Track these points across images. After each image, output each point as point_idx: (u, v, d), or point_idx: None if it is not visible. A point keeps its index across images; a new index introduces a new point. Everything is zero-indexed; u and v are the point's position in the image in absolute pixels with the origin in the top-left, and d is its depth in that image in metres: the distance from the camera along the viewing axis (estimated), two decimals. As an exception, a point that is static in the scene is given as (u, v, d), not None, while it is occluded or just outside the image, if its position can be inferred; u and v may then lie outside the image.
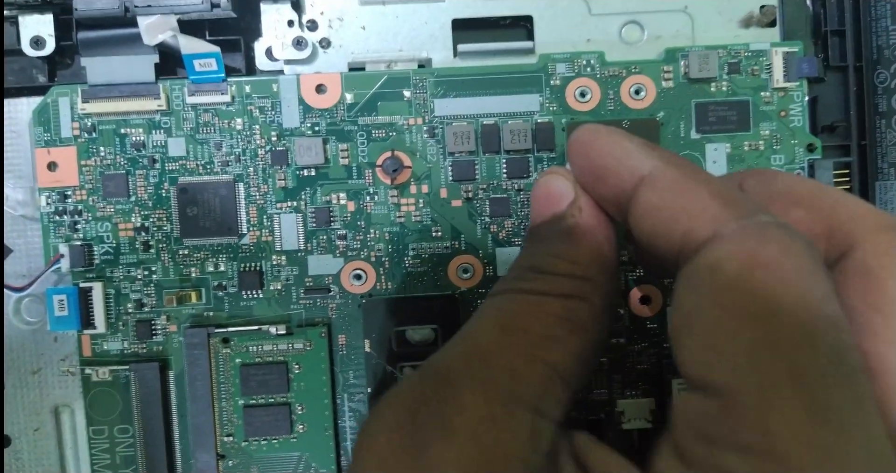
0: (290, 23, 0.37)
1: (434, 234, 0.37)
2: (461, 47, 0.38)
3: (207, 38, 0.36)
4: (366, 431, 0.19)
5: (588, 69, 0.37)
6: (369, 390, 0.37)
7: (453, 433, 0.17)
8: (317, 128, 0.37)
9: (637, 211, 0.20)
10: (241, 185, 0.37)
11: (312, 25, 0.37)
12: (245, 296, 0.37)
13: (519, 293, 0.21)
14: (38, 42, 0.36)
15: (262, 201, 0.37)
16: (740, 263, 0.17)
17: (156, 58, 0.36)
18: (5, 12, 0.36)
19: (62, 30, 0.36)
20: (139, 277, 0.37)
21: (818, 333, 0.16)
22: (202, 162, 0.37)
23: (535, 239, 0.23)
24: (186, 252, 0.37)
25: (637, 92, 0.37)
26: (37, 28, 0.36)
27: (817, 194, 0.21)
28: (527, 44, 0.38)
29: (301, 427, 0.37)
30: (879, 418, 0.16)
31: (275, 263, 0.37)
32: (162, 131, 0.36)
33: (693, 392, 0.17)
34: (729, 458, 0.15)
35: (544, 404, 0.19)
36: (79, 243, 0.36)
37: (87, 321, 0.36)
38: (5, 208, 0.37)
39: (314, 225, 0.37)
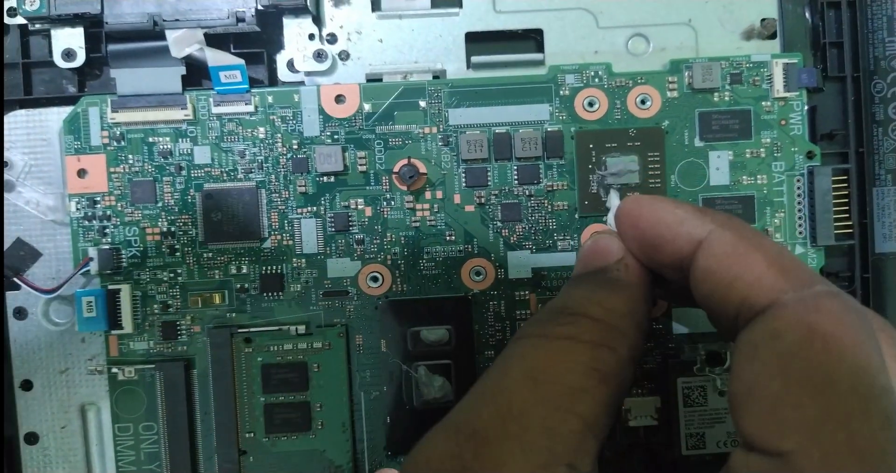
0: (311, 36, 0.39)
1: (448, 238, 0.39)
2: (474, 59, 0.39)
3: (232, 50, 0.38)
4: None
5: (596, 80, 0.38)
6: (385, 388, 0.38)
7: None
8: (336, 136, 0.38)
9: (696, 275, 0.21)
10: (263, 191, 0.38)
11: (332, 39, 0.39)
12: (266, 298, 0.38)
13: (546, 340, 0.21)
14: (69, 54, 0.38)
15: (284, 207, 0.38)
16: (801, 334, 0.17)
17: (183, 70, 0.37)
18: (38, 26, 0.38)
19: (92, 42, 0.38)
20: (165, 279, 0.38)
21: (873, 402, 0.17)
22: (226, 169, 0.38)
23: (574, 284, 0.24)
24: (210, 256, 0.38)
25: (643, 102, 0.38)
26: (68, 41, 0.38)
27: None
28: (537, 56, 0.39)
29: (319, 424, 0.38)
30: None
31: (295, 266, 0.38)
32: (188, 140, 0.38)
33: (753, 453, 0.18)
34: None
35: (578, 459, 0.19)
36: (107, 246, 0.38)
37: (114, 322, 0.38)
38: (36, 213, 0.39)
39: (333, 230, 0.38)
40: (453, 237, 0.39)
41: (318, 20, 0.39)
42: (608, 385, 0.20)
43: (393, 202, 0.38)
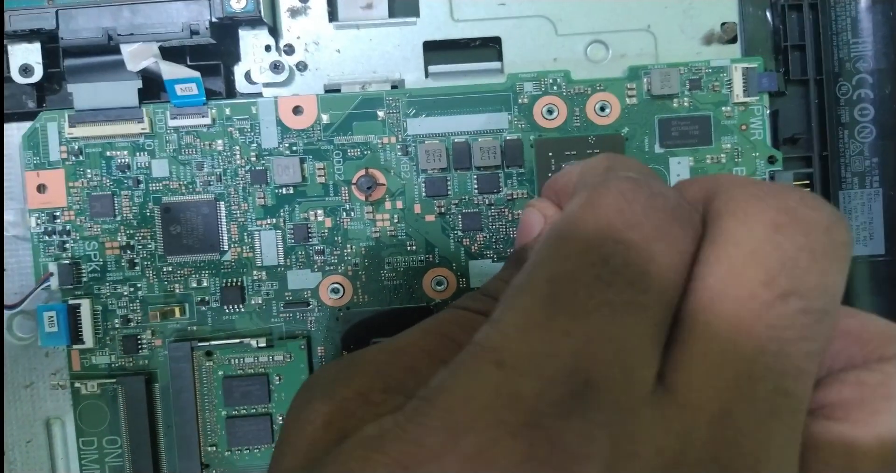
0: (268, 48, 0.39)
1: (409, 248, 0.39)
2: (432, 68, 0.39)
3: (188, 63, 0.38)
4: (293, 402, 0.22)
5: (554, 88, 0.38)
6: (348, 400, 0.38)
7: (329, 398, 0.19)
8: (294, 148, 0.38)
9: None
10: (222, 203, 0.38)
11: (289, 49, 0.39)
12: (227, 311, 0.38)
13: (457, 309, 0.22)
14: (26, 70, 0.38)
15: (243, 219, 0.38)
16: (578, 203, 0.18)
17: (139, 83, 0.37)
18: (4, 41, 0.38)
19: (50, 58, 0.38)
20: (125, 293, 0.38)
21: (592, 253, 0.16)
22: (184, 182, 0.38)
23: (504, 266, 0.25)
24: (170, 269, 0.38)
25: (602, 109, 0.38)
26: (25, 56, 0.38)
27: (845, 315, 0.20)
28: (495, 64, 0.39)
29: (282, 436, 0.38)
30: None
31: (255, 278, 0.38)
32: (146, 153, 0.38)
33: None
34: (482, 328, 0.18)
35: (399, 387, 0.20)
36: (67, 261, 0.38)
37: (76, 336, 0.38)
38: (-3, 228, 0.39)
39: (293, 241, 0.38)
40: (414, 247, 0.39)
41: (274, 31, 0.39)
42: None
43: (353, 213, 0.38)
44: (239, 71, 0.39)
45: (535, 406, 0.15)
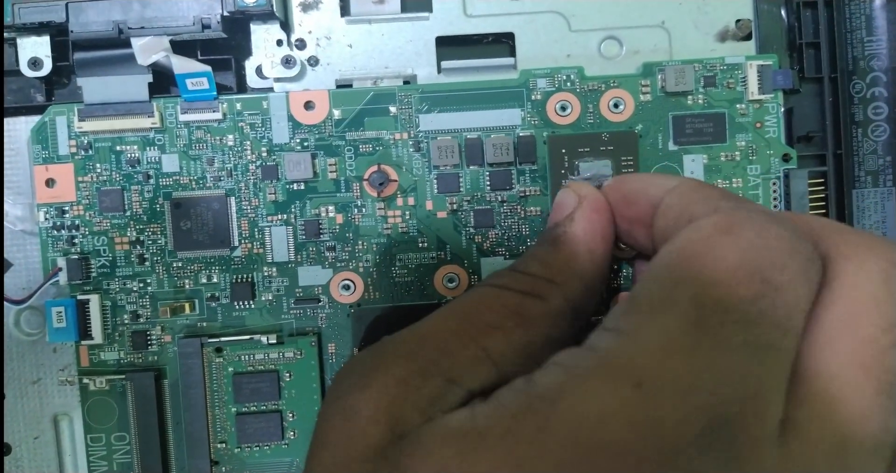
0: (280, 42, 0.38)
1: (420, 245, 0.38)
2: (445, 64, 0.39)
3: (199, 57, 0.38)
4: (330, 390, 0.22)
5: (568, 84, 0.38)
6: (358, 397, 0.38)
7: (367, 387, 0.19)
8: (306, 143, 0.38)
9: (658, 212, 0.22)
10: (232, 199, 0.38)
11: (301, 44, 0.39)
12: (237, 307, 0.38)
13: (485, 286, 0.23)
14: (35, 63, 0.38)
15: (253, 215, 0.38)
16: (715, 226, 0.18)
17: (149, 77, 0.37)
18: (4, 35, 0.38)
19: (59, 51, 0.38)
20: (135, 289, 0.38)
21: (742, 289, 0.17)
22: (195, 177, 0.38)
23: (534, 244, 0.26)
24: (180, 265, 0.38)
25: (616, 105, 0.38)
26: (34, 49, 0.38)
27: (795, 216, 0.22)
28: (508, 60, 0.39)
29: (292, 433, 0.38)
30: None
31: (266, 274, 0.38)
32: (156, 148, 0.38)
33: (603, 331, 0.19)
34: (601, 337, 0.18)
35: (463, 376, 0.20)
36: (76, 256, 0.37)
37: (84, 332, 0.37)
38: (5, 223, 0.39)
39: (304, 237, 0.38)
40: (425, 244, 0.38)
41: (286, 26, 0.38)
42: (528, 330, 0.22)
43: (364, 209, 0.38)
44: (250, 65, 0.39)
45: (675, 440, 0.15)
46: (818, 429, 0.16)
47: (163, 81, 0.38)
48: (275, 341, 0.37)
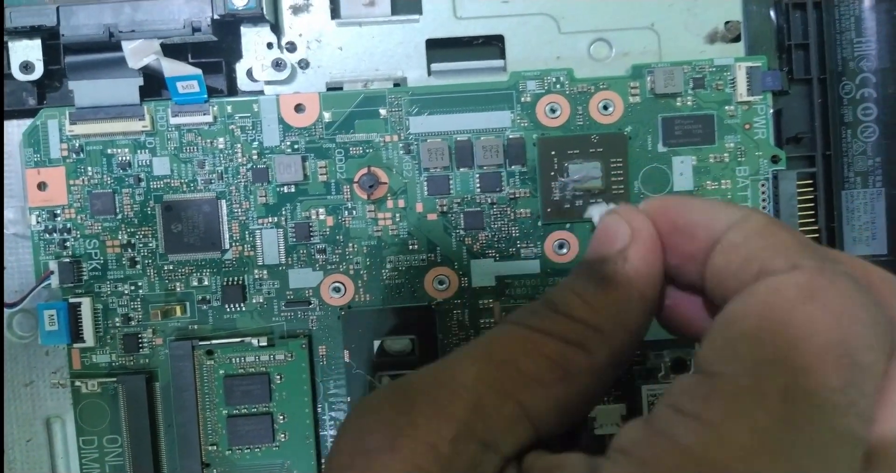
0: (270, 45, 0.38)
1: (410, 247, 0.38)
2: (435, 66, 0.39)
3: (190, 60, 0.38)
4: (340, 431, 0.20)
5: (557, 86, 0.38)
6: (349, 399, 0.38)
7: (397, 451, 0.18)
8: (296, 146, 0.38)
9: (717, 249, 0.20)
10: (223, 202, 0.38)
11: (291, 47, 0.39)
12: (228, 309, 0.38)
13: (520, 327, 0.20)
14: (27, 66, 0.38)
15: (244, 217, 0.38)
16: (800, 290, 0.17)
17: (140, 80, 0.37)
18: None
19: (50, 54, 0.38)
20: (126, 292, 0.38)
21: (833, 376, 0.16)
22: (186, 180, 0.38)
23: (574, 272, 0.22)
24: (171, 268, 0.38)
25: (605, 107, 0.38)
26: (26, 53, 0.38)
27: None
28: (498, 62, 0.39)
29: (283, 435, 0.38)
30: None
31: (257, 277, 0.38)
32: (147, 151, 0.38)
33: (690, 374, 0.17)
34: (678, 423, 0.16)
35: (499, 441, 0.18)
36: (68, 259, 0.38)
37: (76, 335, 0.37)
38: (-3, 226, 0.39)
39: (294, 240, 0.38)
40: (416, 246, 0.38)
41: (276, 29, 0.39)
42: (570, 385, 0.20)
43: (354, 212, 0.38)
44: (241, 68, 0.39)
45: None
46: None
47: (153, 85, 0.38)
48: (266, 343, 0.38)
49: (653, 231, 0.22)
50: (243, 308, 0.38)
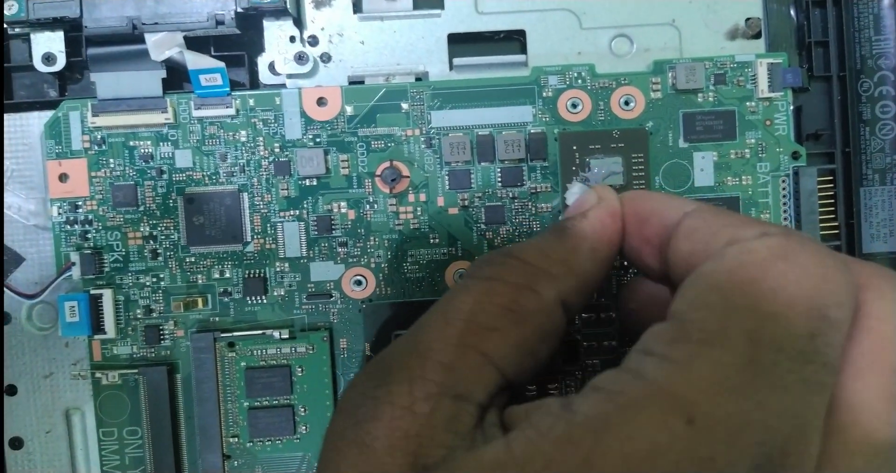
0: (292, 38, 0.38)
1: (431, 241, 0.38)
2: (457, 61, 0.39)
3: (212, 53, 0.38)
4: (335, 411, 0.21)
5: (579, 81, 0.38)
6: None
7: (379, 418, 0.19)
8: (318, 139, 0.38)
9: (679, 234, 0.21)
10: (245, 194, 0.38)
11: (313, 41, 0.39)
12: (249, 302, 0.38)
13: (474, 279, 0.22)
14: (49, 58, 0.38)
15: (266, 210, 0.38)
16: (771, 251, 0.18)
17: (163, 73, 0.37)
18: (18, 30, 0.38)
19: (72, 46, 0.38)
20: (147, 284, 0.38)
21: (800, 324, 0.16)
22: (208, 173, 0.38)
23: (545, 234, 0.25)
24: (193, 260, 0.38)
25: (626, 103, 0.38)
26: (48, 45, 0.38)
27: None
28: (520, 57, 0.39)
29: (304, 428, 0.38)
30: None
31: (278, 269, 0.38)
32: (169, 144, 0.38)
33: (664, 322, 0.18)
34: (647, 362, 0.17)
35: (471, 391, 0.20)
36: (89, 251, 0.38)
37: (97, 326, 0.37)
38: (18, 218, 0.39)
39: (316, 233, 0.38)
40: (437, 240, 0.38)
41: (298, 22, 0.39)
42: (523, 326, 0.21)
43: (376, 205, 0.38)
44: (263, 62, 0.39)
45: None
46: (850, 460, 0.17)
47: (176, 77, 0.38)
48: (287, 336, 0.38)
49: (617, 206, 0.25)
50: (265, 301, 0.38)
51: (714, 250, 0.19)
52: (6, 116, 0.38)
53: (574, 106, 0.38)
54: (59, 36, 0.38)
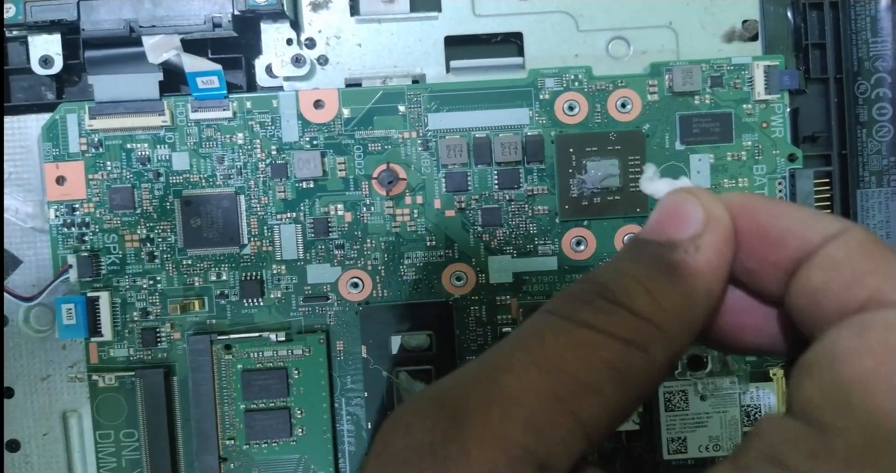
0: (289, 41, 0.38)
1: (428, 243, 0.38)
2: (454, 63, 0.39)
3: (210, 56, 0.38)
4: (375, 454, 0.17)
5: (576, 83, 0.38)
6: (366, 394, 0.38)
7: None
8: (315, 142, 0.38)
9: (815, 264, 0.18)
10: (242, 197, 0.38)
11: (311, 43, 0.39)
12: (246, 304, 0.38)
13: (571, 324, 0.18)
14: (46, 61, 0.38)
15: (263, 213, 0.38)
16: None
17: (160, 75, 0.37)
18: (15, 33, 0.38)
19: (70, 49, 0.38)
20: (144, 286, 0.38)
21: None
22: (205, 175, 0.38)
23: (632, 253, 0.20)
24: (190, 262, 0.38)
25: (623, 105, 0.38)
26: (45, 47, 0.38)
27: None
28: (516, 59, 0.39)
29: (300, 430, 0.38)
30: None
31: (275, 272, 0.38)
32: (166, 146, 0.38)
33: (791, 419, 0.16)
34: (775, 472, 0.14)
35: (556, 459, 0.17)
36: (86, 253, 0.38)
37: (94, 329, 0.37)
38: (15, 220, 0.39)
39: (313, 235, 0.38)
40: (433, 242, 0.38)
41: (296, 25, 0.39)
42: (626, 391, 0.18)
43: (373, 208, 0.38)
44: (260, 64, 0.39)
45: None
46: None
47: (173, 80, 0.38)
48: (283, 338, 0.38)
49: (730, 223, 0.19)
50: (261, 303, 0.38)
51: (852, 302, 0.17)
52: (4, 119, 0.38)
53: (571, 108, 0.38)
54: (56, 39, 0.38)
